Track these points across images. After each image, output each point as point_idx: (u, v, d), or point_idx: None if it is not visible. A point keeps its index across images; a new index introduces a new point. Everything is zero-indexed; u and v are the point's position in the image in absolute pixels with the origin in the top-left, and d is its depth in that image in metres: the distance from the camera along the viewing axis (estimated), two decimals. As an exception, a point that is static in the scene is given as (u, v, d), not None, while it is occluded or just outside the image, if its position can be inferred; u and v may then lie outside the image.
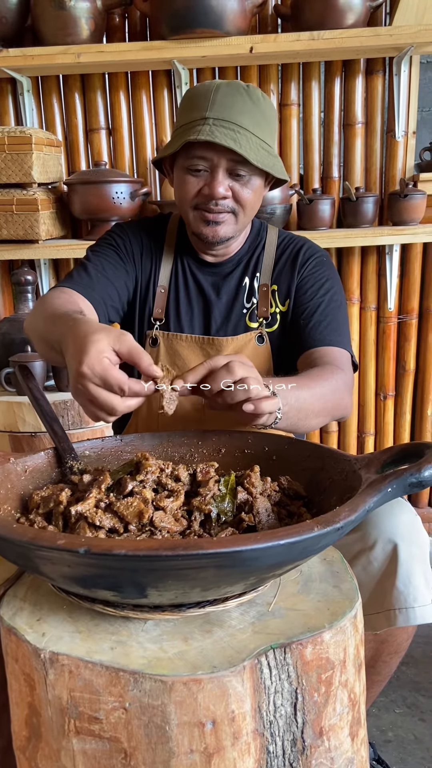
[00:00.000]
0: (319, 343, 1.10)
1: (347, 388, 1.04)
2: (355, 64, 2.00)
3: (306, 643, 0.62)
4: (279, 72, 2.02)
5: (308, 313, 1.13)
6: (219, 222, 1.09)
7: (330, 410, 0.99)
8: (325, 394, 0.96)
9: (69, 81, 2.04)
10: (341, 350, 1.09)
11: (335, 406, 1.00)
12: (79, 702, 0.61)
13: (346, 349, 1.10)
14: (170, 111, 2.06)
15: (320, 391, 0.95)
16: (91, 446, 0.91)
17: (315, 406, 0.94)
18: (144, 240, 1.21)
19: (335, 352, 1.08)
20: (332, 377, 1.00)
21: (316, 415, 0.96)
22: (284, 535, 0.55)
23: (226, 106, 1.04)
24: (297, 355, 1.13)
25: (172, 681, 0.58)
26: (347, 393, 1.04)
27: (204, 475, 0.77)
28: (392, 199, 1.94)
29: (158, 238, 1.22)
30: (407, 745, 1.24)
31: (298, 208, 1.97)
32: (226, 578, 0.58)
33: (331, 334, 1.10)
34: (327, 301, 1.14)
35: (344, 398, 1.02)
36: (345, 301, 1.20)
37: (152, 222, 1.26)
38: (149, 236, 1.21)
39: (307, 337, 1.11)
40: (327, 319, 1.12)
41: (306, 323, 1.13)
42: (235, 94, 1.05)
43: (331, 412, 1.00)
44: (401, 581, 0.90)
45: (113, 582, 0.57)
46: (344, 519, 0.59)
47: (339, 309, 1.15)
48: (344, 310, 1.18)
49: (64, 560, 0.55)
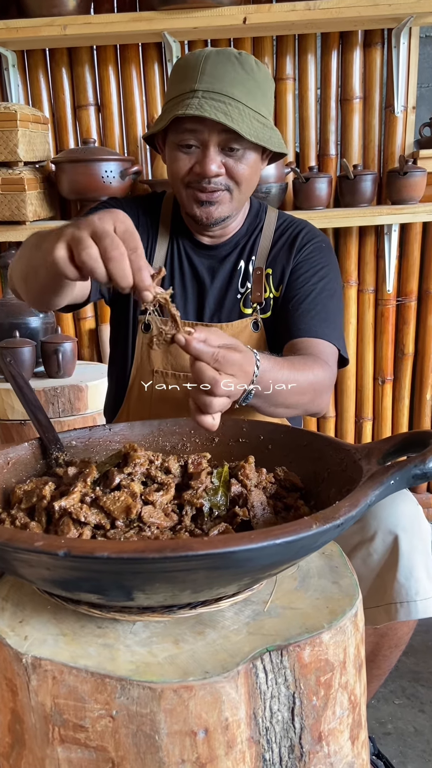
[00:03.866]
0: (304, 333, 1.03)
1: (327, 385, 0.98)
2: (352, 36, 1.92)
3: (304, 645, 0.59)
4: (274, 45, 1.95)
5: (297, 300, 1.07)
6: (213, 202, 1.03)
7: (304, 403, 0.94)
8: (302, 385, 0.90)
9: (56, 55, 1.96)
10: (328, 344, 1.03)
11: (311, 400, 0.94)
12: (64, 709, 0.58)
13: (334, 342, 1.04)
14: (161, 86, 1.98)
15: (298, 380, 0.89)
16: (78, 436, 0.87)
17: (289, 395, 0.88)
18: (140, 218, 1.15)
19: (321, 346, 1.02)
20: (314, 369, 0.94)
21: (288, 405, 0.91)
22: (280, 533, 0.51)
23: (217, 77, 0.98)
24: (282, 343, 1.07)
25: (162, 688, 0.55)
26: (327, 390, 0.98)
27: (196, 466, 0.73)
28: (391, 176, 1.88)
29: (153, 218, 1.16)
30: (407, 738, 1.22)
31: (294, 187, 1.91)
32: (218, 580, 0.54)
33: (319, 325, 1.04)
34: (319, 290, 1.08)
35: (322, 394, 0.97)
36: (341, 291, 1.13)
37: (146, 200, 1.20)
38: (145, 216, 1.16)
39: (292, 325, 1.05)
40: (316, 308, 1.06)
41: (294, 310, 1.06)
42: (225, 63, 0.99)
43: (305, 406, 0.94)
44: (402, 574, 0.87)
45: (96, 585, 0.53)
46: (344, 515, 0.55)
47: (331, 299, 1.09)
48: (338, 301, 1.11)
49: (42, 563, 0.51)
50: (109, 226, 0.65)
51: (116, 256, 0.63)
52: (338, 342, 1.05)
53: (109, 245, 0.63)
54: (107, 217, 0.65)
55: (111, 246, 0.63)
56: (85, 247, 0.64)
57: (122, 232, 0.65)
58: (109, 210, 0.67)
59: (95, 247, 0.64)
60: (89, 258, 0.64)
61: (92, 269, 0.64)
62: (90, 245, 0.64)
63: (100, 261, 0.64)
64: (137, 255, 0.64)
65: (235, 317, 1.13)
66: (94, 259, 0.64)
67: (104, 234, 0.64)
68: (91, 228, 0.65)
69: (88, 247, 0.63)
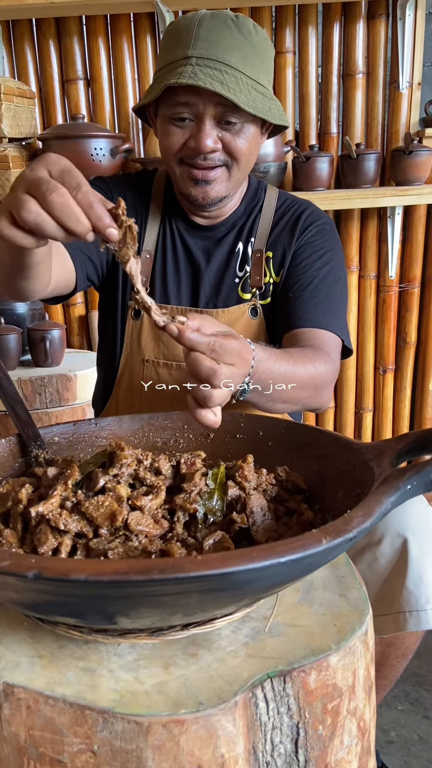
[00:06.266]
0: (306, 323, 0.97)
1: (330, 379, 0.91)
2: (355, 7, 1.83)
3: (309, 669, 0.53)
4: (273, 16, 1.85)
5: (299, 286, 1.00)
6: (209, 180, 0.95)
7: (304, 398, 0.87)
8: (302, 379, 0.84)
9: (43, 26, 1.86)
10: (331, 335, 0.97)
11: (311, 396, 0.88)
12: (40, 742, 0.51)
13: (337, 333, 0.97)
14: (154, 59, 1.89)
15: (298, 373, 0.83)
16: (61, 431, 0.80)
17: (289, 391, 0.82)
18: (128, 197, 1.06)
19: (324, 336, 0.96)
20: (315, 362, 0.88)
21: (286, 400, 0.84)
22: (285, 550, 0.44)
23: (212, 42, 0.89)
24: (282, 333, 1.00)
25: (149, 722, 0.48)
26: (328, 384, 0.92)
27: (189, 467, 0.67)
28: (396, 156, 1.80)
29: (144, 197, 1.08)
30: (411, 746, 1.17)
31: (294, 167, 1.83)
32: (213, 603, 0.47)
33: (322, 315, 0.97)
34: (323, 276, 1.01)
35: (324, 389, 0.90)
36: (345, 277, 1.07)
37: (136, 178, 1.12)
38: (134, 194, 1.08)
39: (293, 314, 0.98)
40: (320, 296, 0.99)
41: (295, 298, 0.99)
42: (221, 27, 0.90)
43: (304, 401, 0.88)
44: (411, 580, 0.81)
45: (73, 610, 0.46)
46: (358, 526, 0.49)
47: (335, 286, 1.02)
48: (342, 288, 1.04)
49: (9, 585, 0.44)
50: (42, 172, 0.56)
51: (56, 199, 0.54)
52: (342, 332, 0.99)
53: (45, 191, 0.54)
54: (37, 164, 0.57)
55: (48, 191, 0.54)
56: (22, 204, 0.55)
57: (58, 174, 0.56)
58: (39, 157, 0.59)
59: (33, 201, 0.55)
60: (29, 213, 0.55)
61: (38, 225, 0.55)
62: (26, 200, 0.55)
63: (42, 213, 0.55)
64: (83, 192, 0.55)
65: (232, 303, 1.05)
66: (36, 213, 0.55)
67: (38, 182, 0.55)
68: (24, 183, 0.56)
69: (25, 202, 0.55)
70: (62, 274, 0.92)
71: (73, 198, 0.55)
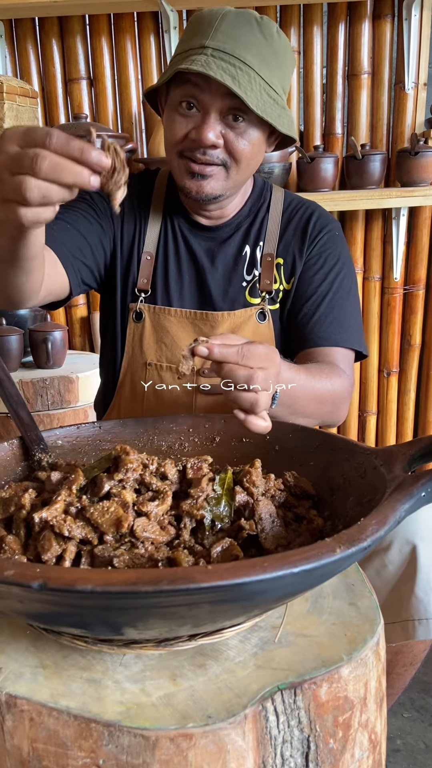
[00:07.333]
0: (322, 342, 0.99)
1: (346, 395, 0.94)
2: (361, 7, 1.82)
3: (320, 681, 0.51)
4: (278, 15, 1.84)
5: (313, 303, 1.01)
6: (205, 175, 0.93)
7: (324, 413, 0.90)
8: (321, 393, 0.87)
9: (45, 25, 1.85)
10: (346, 351, 0.99)
11: (330, 411, 0.91)
12: (43, 755, 0.50)
13: (352, 346, 1.00)
14: (157, 58, 1.88)
15: (316, 387, 0.86)
16: (65, 435, 0.79)
17: (309, 403, 0.85)
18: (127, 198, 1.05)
19: (340, 354, 0.98)
20: (332, 378, 0.90)
21: (307, 414, 0.86)
22: (299, 560, 0.43)
23: (231, 36, 0.87)
24: (295, 351, 1.02)
25: (156, 736, 0.47)
26: (345, 400, 0.94)
27: (195, 471, 0.65)
28: (401, 157, 1.79)
29: (144, 197, 1.07)
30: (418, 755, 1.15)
31: (298, 167, 1.82)
32: (224, 614, 0.46)
33: (336, 332, 0.99)
34: (336, 289, 1.02)
35: (341, 404, 0.93)
36: (356, 285, 1.07)
37: (137, 178, 1.11)
38: (134, 194, 1.06)
39: (309, 333, 1.00)
40: (333, 312, 1.00)
41: (309, 315, 1.01)
42: (244, 24, 0.89)
43: (323, 416, 0.91)
44: (421, 588, 0.79)
45: (79, 621, 0.45)
46: (372, 535, 0.47)
47: (348, 297, 1.03)
48: (354, 297, 1.05)
49: (14, 595, 0.43)
50: (13, 148, 0.54)
51: (44, 165, 0.52)
52: (356, 343, 1.01)
53: (31, 163, 0.53)
54: (4, 142, 0.55)
55: (33, 162, 0.52)
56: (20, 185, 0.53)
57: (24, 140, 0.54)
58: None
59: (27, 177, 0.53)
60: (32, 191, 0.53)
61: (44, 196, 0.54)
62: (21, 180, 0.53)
63: (42, 183, 0.53)
64: (59, 143, 0.53)
65: (239, 306, 1.04)
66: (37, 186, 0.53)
67: (18, 159, 0.53)
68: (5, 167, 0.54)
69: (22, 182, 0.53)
70: (55, 280, 0.91)
71: (55, 153, 0.53)
